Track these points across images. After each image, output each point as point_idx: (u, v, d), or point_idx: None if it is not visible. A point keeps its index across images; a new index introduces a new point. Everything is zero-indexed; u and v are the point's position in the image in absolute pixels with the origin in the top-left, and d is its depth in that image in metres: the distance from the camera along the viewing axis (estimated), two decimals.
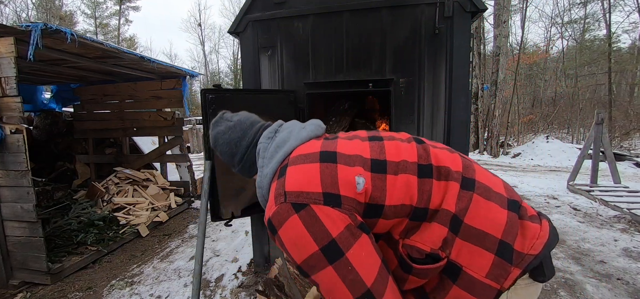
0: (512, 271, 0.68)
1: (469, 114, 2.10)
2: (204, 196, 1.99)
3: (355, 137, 0.85)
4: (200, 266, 1.95)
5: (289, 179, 0.72)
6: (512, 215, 0.71)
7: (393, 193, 0.72)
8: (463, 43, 1.99)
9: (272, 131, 0.91)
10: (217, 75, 30.08)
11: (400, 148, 0.79)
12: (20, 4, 18.84)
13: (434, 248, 0.71)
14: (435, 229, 0.71)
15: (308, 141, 0.84)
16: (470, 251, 0.69)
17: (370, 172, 0.73)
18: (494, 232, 0.69)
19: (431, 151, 0.79)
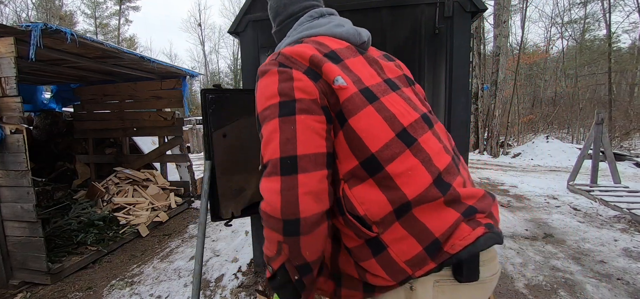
0: (428, 264, 0.68)
1: (469, 114, 2.11)
2: (204, 196, 1.99)
3: (378, 72, 0.83)
4: (200, 266, 1.95)
5: (290, 47, 0.77)
6: (458, 217, 0.69)
7: (362, 118, 0.70)
8: (463, 43, 1.99)
9: (317, 13, 0.91)
10: (217, 75, 30.09)
11: (406, 106, 0.77)
12: (20, 4, 18.85)
13: (369, 218, 0.69)
14: (380, 201, 0.68)
15: (338, 38, 0.84)
16: (403, 238, 0.68)
17: (357, 90, 0.72)
18: (435, 230, 0.68)
19: (427, 133, 0.77)
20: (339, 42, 0.82)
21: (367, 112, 0.71)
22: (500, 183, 6.30)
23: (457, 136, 2.07)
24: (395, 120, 0.72)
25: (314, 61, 0.72)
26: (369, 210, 0.69)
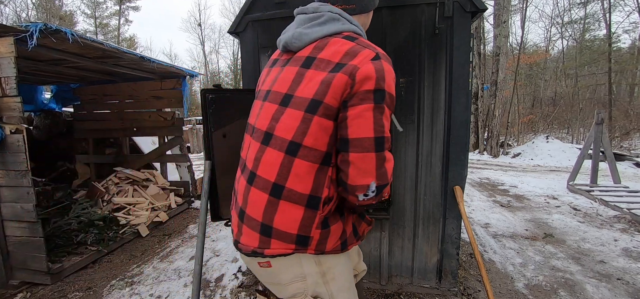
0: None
1: (469, 114, 2.10)
2: (204, 196, 1.99)
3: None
4: (200, 266, 1.95)
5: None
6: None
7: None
8: (463, 43, 1.99)
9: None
10: (217, 75, 30.09)
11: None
12: (20, 4, 18.86)
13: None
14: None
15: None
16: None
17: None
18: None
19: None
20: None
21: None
22: (500, 183, 6.31)
23: (457, 135, 2.07)
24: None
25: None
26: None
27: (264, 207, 0.86)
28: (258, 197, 0.88)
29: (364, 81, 0.79)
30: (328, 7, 0.93)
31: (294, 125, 0.83)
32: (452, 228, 2.18)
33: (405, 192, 2.21)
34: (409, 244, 2.28)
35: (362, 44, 0.86)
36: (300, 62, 0.89)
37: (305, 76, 0.86)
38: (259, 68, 2.34)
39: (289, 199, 0.84)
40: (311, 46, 0.90)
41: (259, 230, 0.88)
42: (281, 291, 0.99)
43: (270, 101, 0.92)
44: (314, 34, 0.90)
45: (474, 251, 1.90)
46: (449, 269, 2.24)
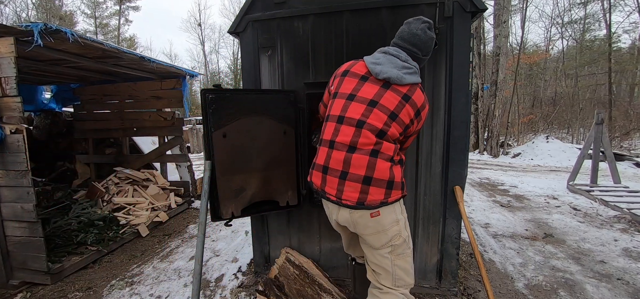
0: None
1: (469, 114, 2.10)
2: (204, 196, 1.99)
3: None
4: (200, 266, 1.95)
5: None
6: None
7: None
8: (463, 43, 1.99)
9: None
10: (217, 75, 30.08)
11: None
12: (20, 4, 18.86)
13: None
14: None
15: None
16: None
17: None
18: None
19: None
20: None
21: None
22: (500, 183, 6.30)
23: (457, 135, 2.07)
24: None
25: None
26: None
27: (367, 163, 1.35)
28: (361, 159, 1.35)
29: (421, 115, 1.48)
30: (413, 62, 1.46)
31: (396, 133, 1.41)
32: (452, 228, 2.18)
33: None
34: None
35: (425, 96, 1.48)
36: (401, 95, 1.40)
37: (405, 107, 1.40)
38: (259, 68, 2.34)
39: (382, 158, 1.36)
40: (407, 87, 1.41)
41: (361, 181, 1.35)
42: (381, 238, 1.42)
43: (379, 109, 1.39)
44: (408, 80, 1.41)
45: (474, 251, 1.90)
46: (449, 269, 2.24)
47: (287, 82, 2.30)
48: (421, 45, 1.47)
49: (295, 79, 2.28)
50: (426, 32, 1.47)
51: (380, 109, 1.39)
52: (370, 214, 1.37)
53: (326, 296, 2.13)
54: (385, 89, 1.41)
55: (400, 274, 1.47)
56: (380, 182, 1.35)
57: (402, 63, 1.43)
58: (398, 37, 1.52)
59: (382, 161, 1.35)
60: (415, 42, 1.46)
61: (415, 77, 1.42)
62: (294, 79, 2.28)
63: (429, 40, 1.48)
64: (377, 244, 1.45)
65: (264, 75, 2.34)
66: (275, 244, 2.55)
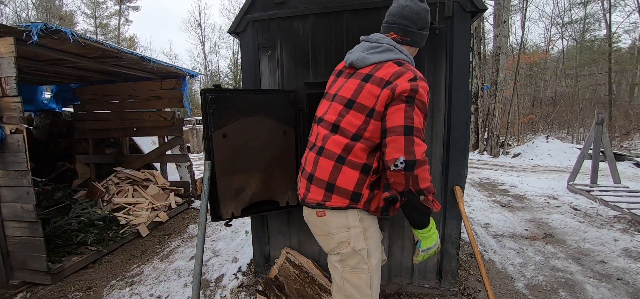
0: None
1: (469, 114, 2.10)
2: (204, 196, 1.99)
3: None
4: (200, 266, 1.95)
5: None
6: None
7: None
8: (463, 43, 1.99)
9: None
10: (217, 75, 30.08)
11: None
12: (20, 4, 18.86)
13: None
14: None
15: None
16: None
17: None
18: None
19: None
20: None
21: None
22: (500, 183, 6.30)
23: (457, 135, 2.07)
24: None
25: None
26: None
27: (331, 170, 1.21)
28: (326, 163, 1.23)
29: (401, 92, 1.12)
30: (387, 39, 1.30)
31: (357, 123, 1.20)
32: (452, 228, 2.18)
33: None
34: (409, 244, 2.28)
35: (407, 68, 1.18)
36: (361, 77, 1.24)
37: (364, 88, 1.20)
38: (259, 68, 2.34)
39: (349, 166, 1.20)
40: (370, 67, 1.24)
41: (324, 187, 1.23)
42: (329, 242, 1.30)
43: (337, 102, 1.27)
44: (373, 59, 1.25)
45: (474, 251, 1.90)
46: (449, 269, 2.24)
47: (287, 82, 2.30)
48: (412, 16, 1.31)
49: (295, 79, 2.28)
50: (417, 2, 1.32)
51: (338, 101, 1.26)
52: (315, 212, 1.27)
53: (326, 296, 2.13)
54: (347, 79, 1.30)
55: (351, 291, 1.29)
56: (344, 192, 1.20)
57: (371, 44, 1.29)
58: (387, 14, 1.38)
59: (348, 169, 1.20)
60: (404, 14, 1.31)
61: (382, 55, 1.24)
62: (294, 79, 2.28)
63: (422, 11, 1.32)
64: (326, 248, 1.35)
65: (264, 75, 2.34)
66: (275, 244, 2.55)
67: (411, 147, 1.08)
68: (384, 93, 1.14)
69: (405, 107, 1.11)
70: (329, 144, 1.23)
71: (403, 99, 1.12)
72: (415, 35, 1.34)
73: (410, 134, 1.09)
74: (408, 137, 1.08)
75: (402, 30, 1.32)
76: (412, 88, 1.11)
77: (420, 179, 1.10)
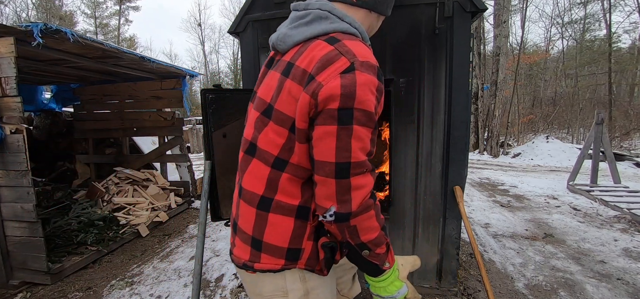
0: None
1: (469, 114, 2.10)
2: (204, 196, 1.99)
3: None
4: (200, 266, 1.95)
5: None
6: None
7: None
8: (463, 43, 1.99)
9: None
10: (217, 75, 30.09)
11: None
12: (20, 4, 18.87)
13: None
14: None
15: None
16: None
17: None
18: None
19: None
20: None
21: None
22: (500, 183, 6.31)
23: (457, 135, 2.07)
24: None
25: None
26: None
27: (254, 220, 0.83)
28: (247, 211, 0.85)
29: (327, 100, 0.70)
30: (320, 2, 0.83)
31: (279, 141, 0.79)
32: (452, 228, 2.18)
33: (405, 193, 2.21)
34: (409, 244, 2.28)
35: (341, 49, 0.74)
36: (282, 68, 0.81)
37: (284, 87, 0.78)
38: (259, 68, 2.34)
39: (278, 211, 0.81)
40: (294, 50, 0.81)
41: (250, 243, 0.85)
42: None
43: (256, 108, 0.87)
44: (297, 35, 0.82)
45: (474, 251, 1.90)
46: (449, 269, 2.24)
47: None
48: None
49: None
50: None
51: (256, 108, 0.87)
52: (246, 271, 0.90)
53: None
54: (284, 78, 0.81)
55: None
56: (276, 250, 0.83)
57: (299, 12, 0.85)
58: None
59: (277, 218, 0.81)
60: None
61: (310, 28, 0.80)
62: None
63: None
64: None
65: None
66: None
67: (346, 195, 0.73)
68: (302, 99, 0.73)
69: (336, 132, 0.70)
70: (247, 178, 0.85)
71: (333, 115, 0.70)
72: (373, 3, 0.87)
73: (346, 175, 0.72)
74: (341, 181, 0.72)
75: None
76: (344, 92, 0.69)
77: (361, 230, 0.77)
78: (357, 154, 0.72)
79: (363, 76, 0.71)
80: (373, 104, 0.73)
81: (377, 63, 0.76)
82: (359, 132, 0.72)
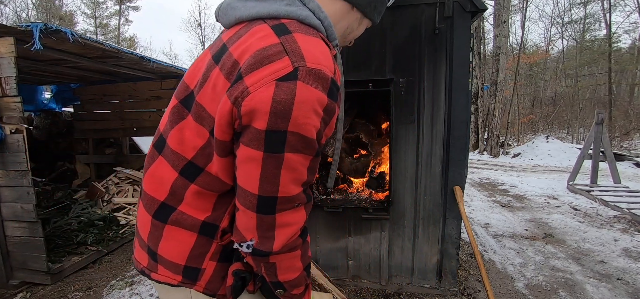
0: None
1: (469, 114, 2.10)
2: None
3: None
4: None
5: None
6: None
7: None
8: (463, 43, 1.99)
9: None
10: None
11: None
12: (20, 4, 18.86)
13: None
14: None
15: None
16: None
17: None
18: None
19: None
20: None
21: None
22: (500, 183, 6.31)
23: (457, 135, 2.07)
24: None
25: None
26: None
27: (149, 231, 0.69)
28: (143, 215, 0.71)
29: (252, 115, 0.53)
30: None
31: (197, 143, 0.63)
32: (452, 228, 2.18)
33: (405, 193, 2.22)
34: (409, 244, 2.28)
35: (287, 45, 0.54)
36: (216, 49, 0.63)
37: (210, 76, 0.60)
38: None
39: (176, 224, 0.67)
40: (235, 28, 0.64)
41: (146, 251, 0.72)
42: None
43: (176, 93, 0.68)
44: (242, 10, 0.63)
45: (474, 251, 1.90)
46: (449, 269, 2.24)
47: None
48: None
49: None
50: None
51: (176, 94, 0.69)
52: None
53: (326, 296, 2.13)
54: (213, 63, 0.63)
55: None
56: (171, 265, 0.69)
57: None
58: None
59: (175, 231, 0.67)
60: None
61: (262, 4, 0.62)
62: None
63: None
64: None
65: None
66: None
67: (269, 232, 0.60)
68: (224, 104, 0.56)
69: (262, 159, 0.55)
70: (148, 179, 0.71)
71: (259, 138, 0.54)
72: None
73: (270, 211, 0.58)
74: (264, 216, 0.59)
75: None
76: (275, 108, 0.52)
77: (280, 269, 0.65)
78: (287, 187, 0.58)
79: (306, 89, 0.52)
80: (315, 129, 0.56)
81: (332, 73, 0.56)
82: (292, 161, 0.56)
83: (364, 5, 0.70)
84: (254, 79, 0.53)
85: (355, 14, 0.71)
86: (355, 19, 0.73)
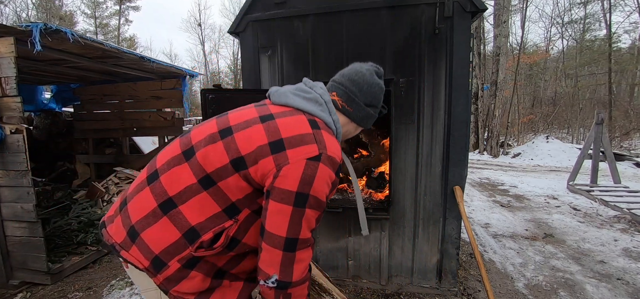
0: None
1: (469, 114, 2.10)
2: None
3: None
4: None
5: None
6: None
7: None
8: (463, 43, 1.99)
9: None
10: (217, 75, 30.08)
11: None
12: (20, 4, 18.86)
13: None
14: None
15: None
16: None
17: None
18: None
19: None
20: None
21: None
22: (500, 183, 6.31)
23: (457, 135, 2.07)
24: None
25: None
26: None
27: (145, 214, 0.84)
28: (146, 201, 0.85)
29: (286, 179, 0.78)
30: (324, 93, 0.97)
31: (218, 164, 0.82)
32: (452, 228, 2.18)
33: (405, 193, 2.22)
34: (409, 244, 2.28)
35: (317, 136, 0.84)
36: (263, 112, 0.89)
37: (252, 127, 0.84)
38: (259, 68, 2.34)
39: (172, 218, 0.82)
40: (282, 108, 0.91)
41: (127, 230, 0.85)
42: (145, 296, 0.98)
43: (218, 123, 0.90)
44: (293, 100, 0.92)
45: (474, 251, 1.90)
46: (449, 269, 2.24)
47: (287, 82, 2.30)
48: (363, 86, 1.01)
49: (295, 79, 2.28)
50: (373, 74, 1.04)
51: (219, 123, 0.92)
52: (120, 258, 0.91)
53: (326, 296, 2.13)
54: (257, 120, 0.92)
55: None
56: (146, 249, 0.84)
57: (303, 86, 1.00)
58: (338, 74, 1.08)
59: (166, 222, 0.85)
60: (355, 79, 1.01)
61: (304, 103, 0.92)
62: (294, 79, 2.29)
63: (376, 87, 1.03)
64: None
65: (264, 75, 2.34)
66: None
67: (289, 267, 0.82)
68: (266, 161, 0.80)
69: (291, 212, 0.79)
70: (168, 175, 0.86)
71: (290, 197, 0.78)
72: (359, 108, 1.02)
73: (293, 249, 0.81)
74: (288, 253, 0.81)
75: (345, 95, 1.01)
76: (304, 179, 0.78)
77: (294, 298, 0.85)
78: (304, 232, 0.82)
79: (325, 169, 0.81)
80: (325, 194, 0.83)
81: (340, 159, 0.88)
82: (310, 215, 0.81)
83: (359, 120, 1.04)
84: (293, 154, 0.80)
85: (354, 124, 1.06)
86: (353, 127, 1.07)
